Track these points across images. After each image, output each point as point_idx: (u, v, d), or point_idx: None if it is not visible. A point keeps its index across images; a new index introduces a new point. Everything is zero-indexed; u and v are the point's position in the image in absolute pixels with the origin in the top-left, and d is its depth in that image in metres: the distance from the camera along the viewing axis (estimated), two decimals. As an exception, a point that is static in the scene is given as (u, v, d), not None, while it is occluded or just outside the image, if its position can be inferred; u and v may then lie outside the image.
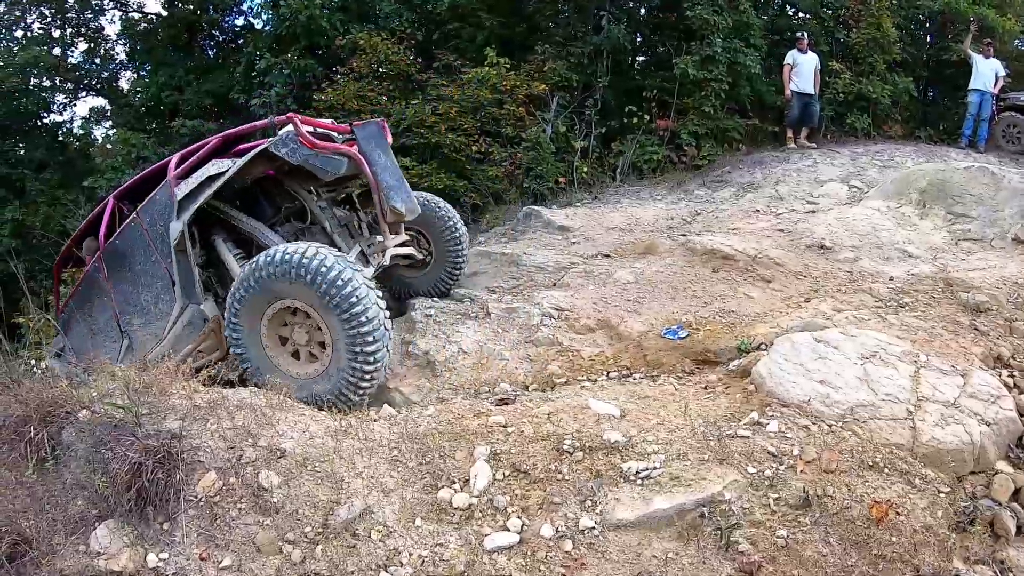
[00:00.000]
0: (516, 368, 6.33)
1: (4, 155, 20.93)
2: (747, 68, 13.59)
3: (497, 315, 7.13)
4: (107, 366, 5.47)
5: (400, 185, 6.05)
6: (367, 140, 5.87)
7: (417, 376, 6.39)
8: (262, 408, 4.73)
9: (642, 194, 11.53)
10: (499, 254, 8.80)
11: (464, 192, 12.32)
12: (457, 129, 12.44)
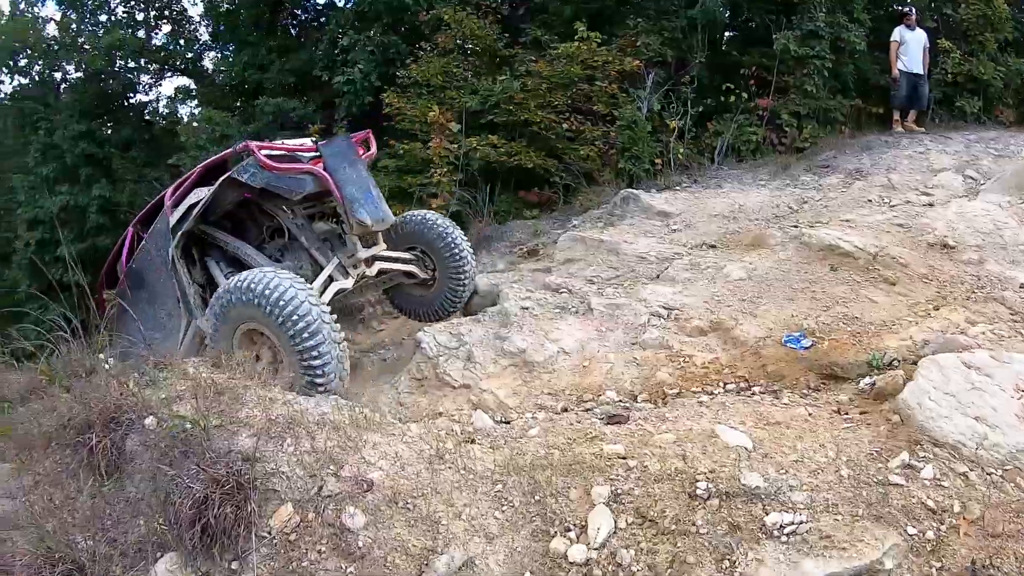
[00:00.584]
0: (622, 373, 5.77)
1: (92, 135, 21.17)
2: (851, 44, 12.64)
3: (600, 311, 6.59)
4: (180, 363, 5.23)
5: (366, 197, 6.10)
6: (333, 156, 6.05)
7: (512, 377, 5.93)
8: (346, 428, 4.29)
9: (744, 179, 10.80)
10: (595, 240, 8.23)
11: (554, 172, 11.81)
12: (547, 106, 11.88)
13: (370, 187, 6.20)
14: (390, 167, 12.53)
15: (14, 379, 5.84)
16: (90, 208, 20.65)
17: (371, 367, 7.29)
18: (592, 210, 10.32)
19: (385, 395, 6.20)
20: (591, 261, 7.91)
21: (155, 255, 6.63)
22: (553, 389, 5.66)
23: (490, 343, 6.25)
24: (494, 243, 10.41)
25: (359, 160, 6.25)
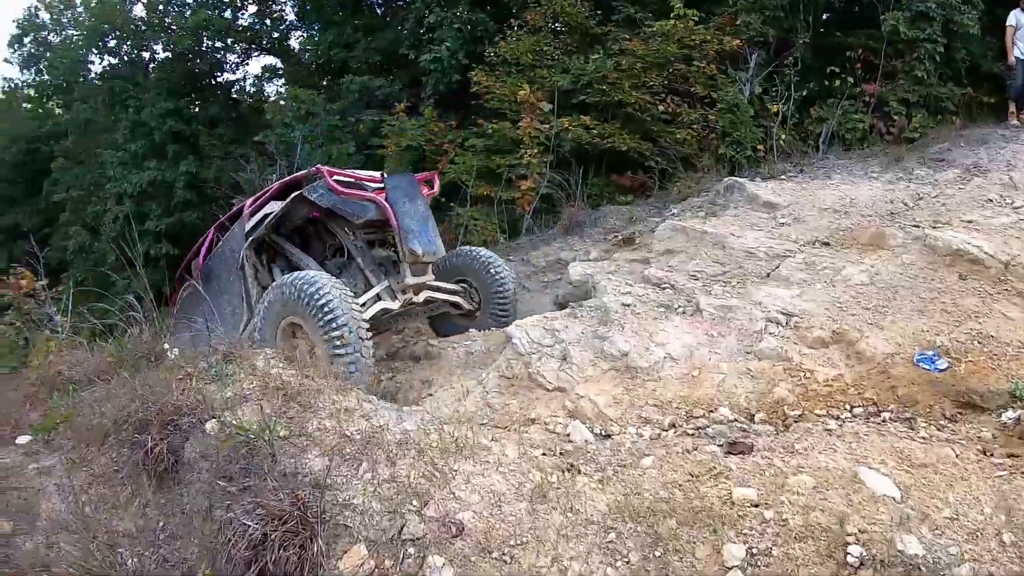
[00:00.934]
0: (735, 386, 5.20)
1: (179, 112, 21.49)
2: (964, 27, 11.78)
3: (710, 313, 6.02)
4: (251, 356, 5.00)
5: (422, 230, 6.57)
6: (395, 189, 6.56)
7: (613, 382, 5.41)
8: (433, 453, 3.81)
9: (854, 170, 9.95)
10: (698, 231, 7.56)
11: (649, 155, 11.22)
12: (641, 86, 11.28)
13: (427, 222, 6.66)
14: (478, 147, 12.19)
15: (85, 359, 5.72)
16: (177, 184, 21.07)
17: (456, 359, 6.88)
18: (692, 198, 9.71)
19: (472, 394, 5.76)
20: (693, 254, 7.28)
21: (228, 256, 7.33)
22: (659, 400, 5.16)
23: (588, 343, 5.77)
24: (587, 229, 9.92)
25: (420, 196, 6.73)
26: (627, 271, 7.23)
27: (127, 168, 21.66)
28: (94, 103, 24.53)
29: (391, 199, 6.47)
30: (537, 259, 9.65)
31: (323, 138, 15.93)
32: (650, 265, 7.21)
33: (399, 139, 13.29)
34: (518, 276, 9.37)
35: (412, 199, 6.65)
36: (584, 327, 5.97)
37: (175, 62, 22.74)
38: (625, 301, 6.25)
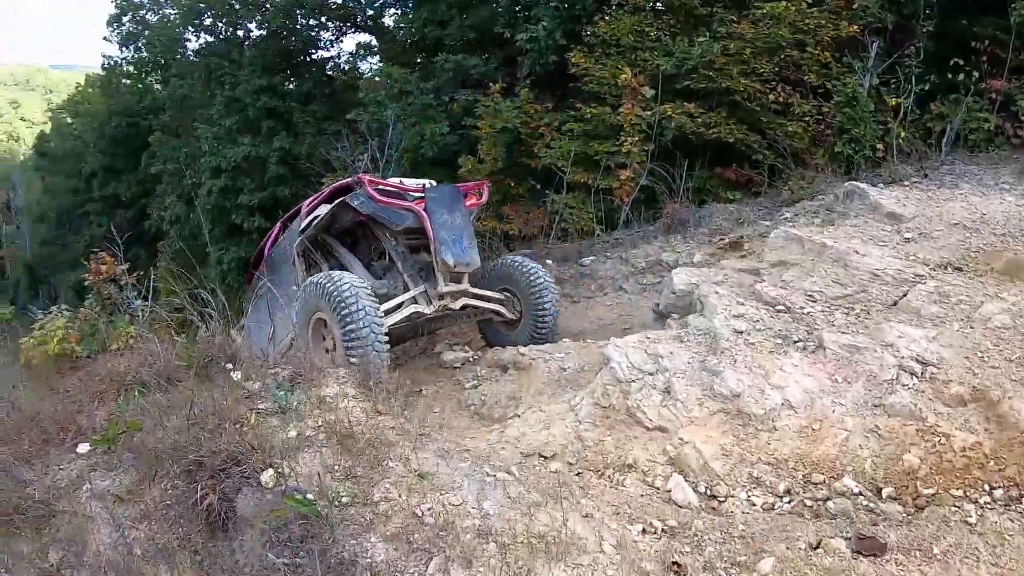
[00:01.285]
0: (860, 447, 4.58)
1: (273, 89, 21.70)
2: (1103, 19, 10.74)
3: (834, 352, 5.33)
4: (319, 382, 4.86)
5: (456, 242, 6.82)
6: (434, 200, 6.83)
7: (721, 428, 4.90)
8: (518, 550, 3.36)
9: (983, 178, 9.08)
10: (816, 244, 6.79)
11: (757, 148, 10.64)
12: (750, 73, 10.70)
13: (463, 233, 6.90)
14: (576, 131, 11.77)
15: (156, 357, 5.63)
16: (270, 159, 21.35)
17: (547, 374, 6.48)
18: (805, 201, 9.05)
19: (563, 421, 5.33)
20: (810, 269, 6.56)
21: (286, 251, 7.81)
22: (773, 457, 4.64)
23: (695, 375, 5.26)
24: (690, 228, 9.44)
25: (459, 208, 6.97)
26: (735, 283, 6.67)
27: (222, 143, 22.09)
28: (190, 79, 25.04)
29: (429, 209, 6.76)
30: (636, 258, 9.25)
31: (416, 117, 15.78)
32: (761, 279, 6.62)
33: (494, 121, 12.98)
34: (616, 276, 9.09)
35: (451, 211, 6.90)
36: (691, 355, 5.48)
37: (269, 40, 22.95)
38: (737, 327, 5.72)
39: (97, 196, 35.25)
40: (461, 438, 5.39)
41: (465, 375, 7.20)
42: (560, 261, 9.81)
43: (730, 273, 6.83)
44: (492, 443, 5.23)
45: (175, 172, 25.99)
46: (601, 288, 9.15)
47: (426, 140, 15.42)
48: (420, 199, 6.82)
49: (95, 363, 6.46)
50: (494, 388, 6.65)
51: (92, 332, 7.66)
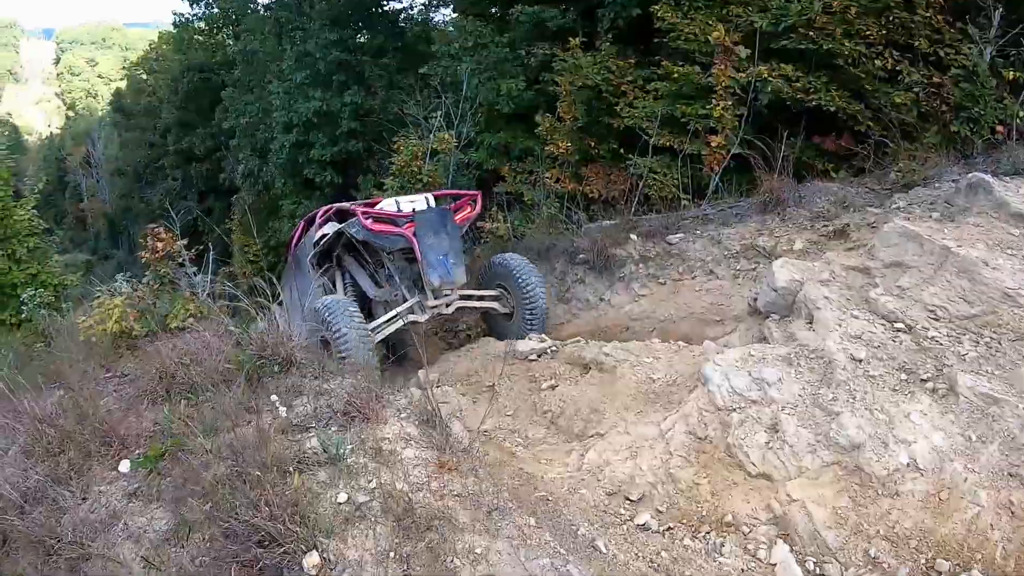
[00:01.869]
0: (991, 529, 3.94)
1: (344, 42, 21.34)
2: None
3: (968, 401, 4.56)
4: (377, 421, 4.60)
5: (441, 264, 7.78)
6: (422, 225, 7.72)
7: (836, 487, 4.28)
8: None
9: None
10: (937, 246, 5.81)
11: (861, 120, 9.72)
12: (855, 35, 9.75)
13: (448, 255, 7.82)
14: (661, 91, 11.16)
15: (212, 350, 5.70)
16: (342, 114, 21.17)
17: (634, 383, 6.03)
18: (918, 187, 8.11)
19: (652, 451, 4.85)
20: (930, 277, 5.68)
21: (304, 253, 8.94)
22: (894, 531, 4.05)
23: (807, 412, 4.65)
24: (789, 209, 8.66)
25: (446, 229, 7.86)
26: (845, 284, 5.99)
27: (293, 98, 21.94)
28: (261, 34, 24.90)
29: (418, 233, 7.68)
30: (729, 239, 8.66)
31: (491, 71, 15.30)
32: (875, 282, 5.89)
33: (574, 77, 12.44)
34: (707, 258, 8.61)
35: (437, 232, 7.80)
36: (802, 385, 4.90)
37: (342, -10, 22.52)
38: (855, 352, 5.03)
39: (172, 150, 35.58)
40: (537, 463, 5.10)
41: (542, 371, 6.90)
42: (645, 236, 9.32)
43: (837, 271, 6.15)
44: (572, 473, 4.89)
45: (248, 127, 25.94)
46: (690, 270, 8.66)
47: (502, 96, 14.94)
48: (411, 223, 7.71)
49: (152, 344, 6.64)
50: (574, 393, 6.30)
51: (150, 311, 7.71)
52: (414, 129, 15.90)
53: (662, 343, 6.73)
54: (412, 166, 12.54)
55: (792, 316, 5.90)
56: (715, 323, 7.59)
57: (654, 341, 6.79)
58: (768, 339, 5.90)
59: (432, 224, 7.79)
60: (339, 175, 22.38)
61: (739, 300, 7.54)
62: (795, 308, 5.88)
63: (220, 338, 6.10)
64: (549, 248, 10.13)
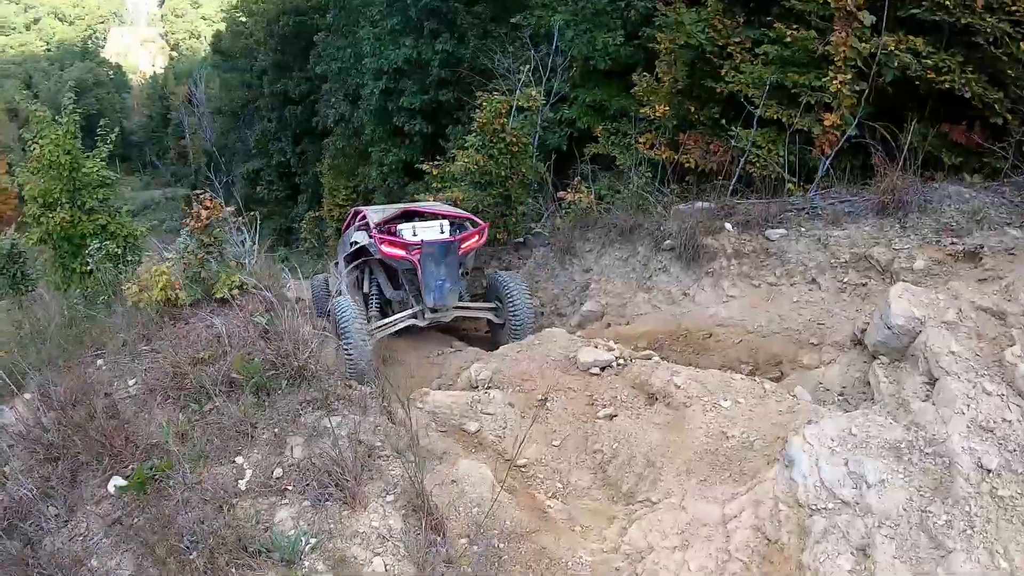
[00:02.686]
0: None
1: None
2: None
3: None
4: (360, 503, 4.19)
5: (437, 289, 8.97)
6: (427, 254, 8.86)
7: None
8: None
9: None
10: None
11: (999, 111, 8.30)
12: (999, 9, 8.29)
13: (445, 281, 8.98)
14: (771, 55, 10.01)
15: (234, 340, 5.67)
16: (433, 62, 20.71)
17: (703, 434, 5.18)
18: None
19: (707, 544, 4.03)
20: None
21: (345, 244, 10.50)
22: None
23: (909, 535, 3.66)
24: (911, 215, 7.50)
25: (446, 260, 8.99)
26: (975, 331, 4.86)
27: (383, 44, 21.58)
28: (353, -22, 24.31)
29: (422, 261, 8.89)
30: (838, 244, 7.58)
31: (587, 23, 14.30)
32: (1012, 336, 4.75)
33: (676, 35, 11.40)
34: (810, 263, 7.65)
35: (438, 262, 8.96)
36: (910, 494, 3.87)
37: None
38: (984, 459, 3.89)
39: (268, 92, 35.77)
40: (570, 530, 4.51)
41: (603, 391, 6.14)
42: (742, 227, 8.39)
43: (967, 310, 5.08)
44: (606, 555, 4.19)
45: (339, 72, 25.64)
46: (789, 275, 7.67)
47: (598, 50, 13.96)
48: (418, 250, 8.87)
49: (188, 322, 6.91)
50: (632, 431, 5.54)
51: (195, 279, 7.69)
52: (502, 82, 15.19)
53: (745, 380, 5.83)
54: (494, 124, 11.92)
55: (906, 363, 4.94)
56: (812, 346, 6.67)
57: (735, 377, 5.89)
58: (875, 390, 5.00)
59: (435, 254, 8.93)
60: (429, 124, 21.85)
61: (843, 321, 6.61)
62: (911, 355, 4.92)
63: (246, 327, 6.23)
64: (633, 228, 9.39)
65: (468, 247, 9.29)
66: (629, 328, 8.33)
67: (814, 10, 9.60)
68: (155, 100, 73.52)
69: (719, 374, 5.91)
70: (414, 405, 6.04)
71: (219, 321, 6.40)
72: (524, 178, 12.40)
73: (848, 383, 5.52)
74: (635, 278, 8.96)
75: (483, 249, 12.07)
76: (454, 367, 8.24)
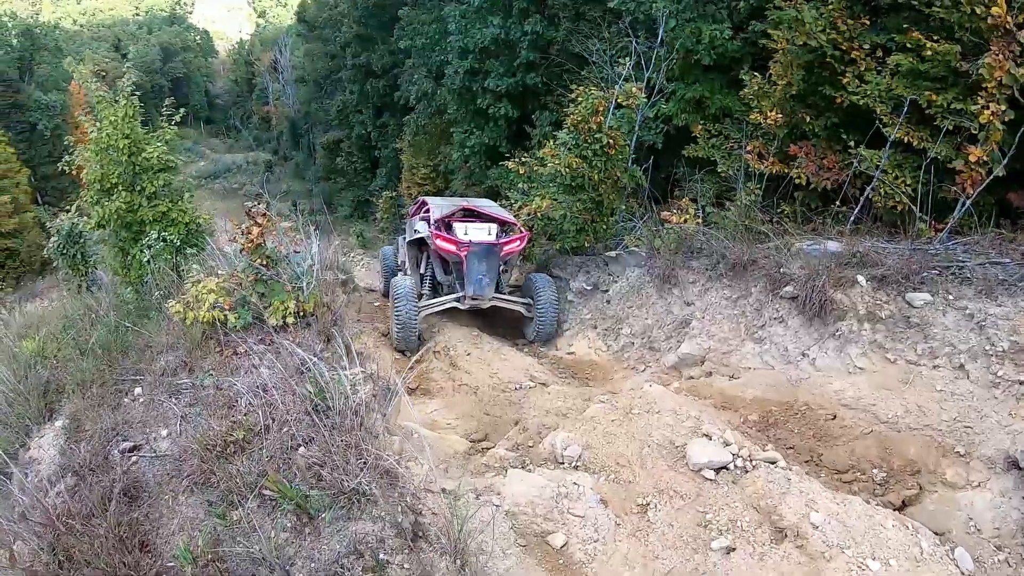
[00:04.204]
0: None
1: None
2: None
3: None
4: None
5: (479, 281, 10.29)
6: (473, 252, 10.23)
7: None
8: None
9: None
10: None
11: None
12: None
13: (484, 276, 10.24)
14: (903, 67, 8.83)
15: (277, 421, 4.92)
16: (521, 43, 20.03)
17: None
18: None
19: None
20: None
21: (410, 231, 12.04)
22: None
23: None
24: None
25: (488, 258, 10.22)
26: None
27: (470, 22, 20.90)
28: (439, -47, 23.57)
29: (468, 257, 10.14)
30: (995, 327, 6.33)
31: (692, 13, 13.09)
32: None
33: (794, 34, 10.26)
34: (958, 343, 6.47)
35: (480, 260, 10.19)
36: None
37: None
38: None
39: (350, 64, 35.58)
40: None
41: (717, 508, 5.17)
42: (878, 283, 7.23)
43: None
44: None
45: (423, 48, 24.95)
46: (932, 353, 6.51)
47: (702, 44, 12.80)
48: (467, 247, 10.18)
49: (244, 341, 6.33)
50: None
51: (245, 303, 7.08)
52: (595, 70, 14.25)
53: (897, 527, 4.84)
54: (590, 122, 11.07)
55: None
56: (957, 457, 5.61)
57: (887, 521, 4.86)
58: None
59: (479, 253, 10.22)
60: (515, 108, 21.06)
61: (995, 427, 5.56)
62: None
63: (294, 398, 5.39)
64: (747, 264, 8.34)
65: (509, 251, 10.62)
66: (736, 386, 7.34)
67: (961, 21, 8.33)
68: (240, 66, 74.64)
69: (865, 510, 4.94)
70: (489, 501, 5.16)
71: (266, 372, 5.75)
72: (618, 183, 11.55)
73: (1003, 523, 4.57)
74: (744, 324, 7.98)
75: (568, 258, 11.54)
76: (534, 417, 7.28)
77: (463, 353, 9.59)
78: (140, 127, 9.96)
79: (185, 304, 6.95)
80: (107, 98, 9.94)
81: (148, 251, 9.42)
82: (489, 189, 22.05)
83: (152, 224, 9.87)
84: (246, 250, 7.30)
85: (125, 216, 9.88)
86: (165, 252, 9.43)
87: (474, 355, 9.55)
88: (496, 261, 10.42)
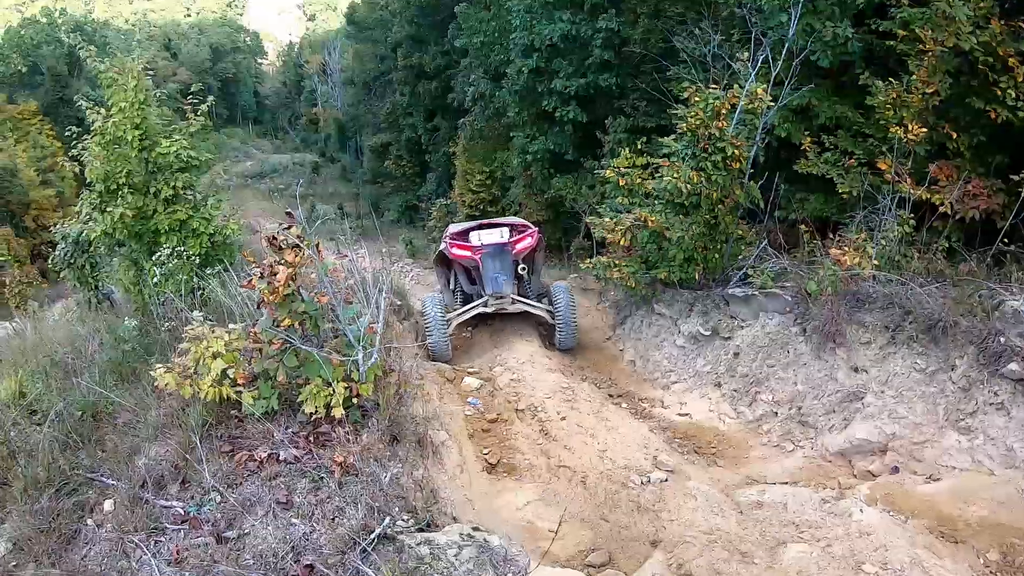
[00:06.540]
0: None
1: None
2: None
3: None
4: None
5: (496, 279, 10.73)
6: (487, 254, 10.86)
7: None
8: None
9: None
10: None
11: None
12: None
13: (500, 274, 10.81)
14: None
15: None
16: (594, 41, 18.55)
17: None
18: None
19: None
20: None
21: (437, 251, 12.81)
22: None
23: None
24: None
25: (501, 256, 10.90)
26: None
27: (536, 18, 19.28)
28: (497, -57, 22.33)
29: (483, 259, 10.86)
30: None
31: (804, 7, 10.90)
32: None
33: (938, 33, 8.49)
34: None
35: (494, 259, 10.84)
36: None
37: None
38: None
39: (400, 65, 35.14)
40: None
41: None
42: None
43: None
44: None
45: (482, 47, 23.46)
46: None
47: (826, 42, 10.68)
48: (480, 249, 10.90)
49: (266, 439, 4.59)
50: None
51: (269, 376, 5.08)
52: (687, 69, 12.59)
53: None
54: (711, 127, 9.35)
55: None
56: None
57: None
58: None
59: (492, 253, 10.79)
60: (584, 112, 19.31)
61: None
62: None
63: None
64: (948, 327, 6.40)
65: (521, 248, 11.08)
66: (939, 491, 5.50)
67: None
68: (290, 67, 75.34)
69: None
70: None
71: (301, 525, 4.11)
72: (736, 202, 9.79)
73: None
74: (945, 406, 6.15)
75: (675, 292, 9.63)
76: (686, 543, 5.26)
77: (556, 416, 7.62)
78: (154, 115, 8.16)
79: (180, 372, 5.05)
80: (118, 80, 8.09)
81: (159, 269, 7.71)
82: (552, 199, 20.43)
83: (168, 235, 8.16)
84: (268, 304, 5.14)
85: (134, 225, 8.17)
86: (182, 271, 7.72)
87: (571, 419, 7.51)
88: (509, 259, 10.89)
